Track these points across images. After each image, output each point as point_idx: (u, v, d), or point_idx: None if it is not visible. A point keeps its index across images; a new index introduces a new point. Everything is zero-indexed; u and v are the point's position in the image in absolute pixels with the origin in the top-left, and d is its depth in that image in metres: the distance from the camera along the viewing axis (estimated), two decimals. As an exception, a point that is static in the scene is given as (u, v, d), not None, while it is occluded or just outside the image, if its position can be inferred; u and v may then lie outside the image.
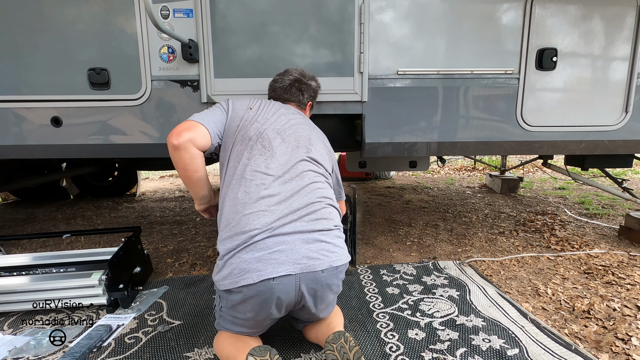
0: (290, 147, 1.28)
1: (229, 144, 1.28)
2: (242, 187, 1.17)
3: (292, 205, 1.15)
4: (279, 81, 1.59)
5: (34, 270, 1.67)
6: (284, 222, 1.12)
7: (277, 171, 1.20)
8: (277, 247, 1.08)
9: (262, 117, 1.32)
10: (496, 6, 1.82)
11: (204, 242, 2.69)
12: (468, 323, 1.53)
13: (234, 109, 1.35)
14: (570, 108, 1.93)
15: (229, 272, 1.09)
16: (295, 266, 1.07)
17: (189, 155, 1.19)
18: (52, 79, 1.80)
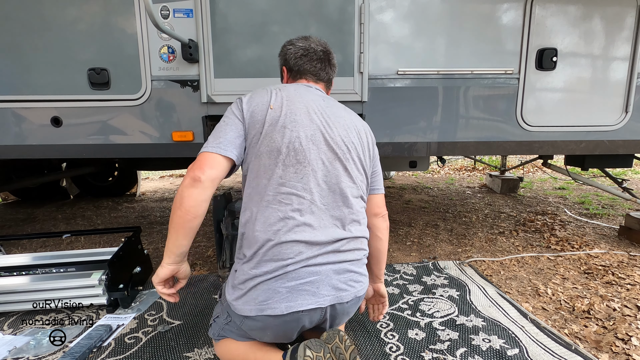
0: (327, 159, 1.10)
1: (252, 153, 1.08)
2: (276, 212, 1.04)
3: (328, 235, 1.07)
4: (307, 50, 1.26)
5: (34, 270, 1.67)
6: (318, 253, 1.05)
7: (314, 194, 1.07)
8: (309, 277, 1.03)
9: (289, 119, 1.08)
10: (496, 6, 1.83)
11: (204, 242, 2.69)
12: (468, 323, 1.53)
13: (252, 114, 1.10)
14: (570, 108, 1.93)
15: (252, 298, 1.02)
16: (324, 298, 1.04)
17: (202, 197, 1.01)
18: (52, 79, 1.80)
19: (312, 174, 1.07)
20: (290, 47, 1.30)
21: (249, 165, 1.09)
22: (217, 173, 1.03)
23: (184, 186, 1.01)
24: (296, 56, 1.28)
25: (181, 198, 1.01)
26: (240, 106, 1.12)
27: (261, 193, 1.06)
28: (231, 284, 1.09)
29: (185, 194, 1.01)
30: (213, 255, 2.40)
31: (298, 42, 1.29)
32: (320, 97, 1.19)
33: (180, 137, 1.86)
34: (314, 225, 1.06)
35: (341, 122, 1.16)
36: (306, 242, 1.03)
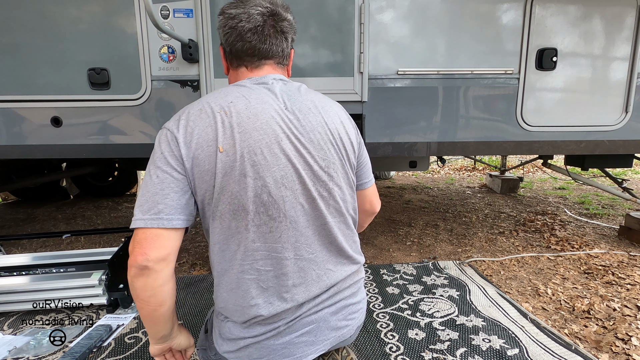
0: (307, 200, 0.86)
1: (211, 214, 0.83)
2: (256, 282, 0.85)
3: (322, 285, 0.90)
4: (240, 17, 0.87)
5: (34, 270, 1.67)
6: (313, 304, 0.90)
7: (298, 248, 0.87)
8: (305, 328, 0.89)
9: (248, 162, 0.79)
10: (496, 6, 1.83)
11: (204, 242, 2.69)
12: (468, 323, 1.53)
13: (195, 160, 0.79)
14: (570, 108, 1.93)
15: (245, 355, 0.88)
16: (324, 343, 0.92)
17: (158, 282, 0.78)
18: (52, 79, 1.80)
19: (291, 226, 0.85)
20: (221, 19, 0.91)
21: (210, 228, 0.85)
22: (165, 252, 0.78)
23: (132, 277, 0.77)
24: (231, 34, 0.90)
25: (134, 290, 0.79)
26: (175, 150, 0.79)
27: (233, 261, 0.84)
28: (219, 333, 0.92)
29: (136, 285, 0.78)
30: (213, 255, 2.40)
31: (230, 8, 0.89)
32: (282, 104, 0.85)
33: (180, 137, 1.86)
34: (305, 282, 0.88)
35: (316, 134, 0.86)
36: (296, 300, 0.86)
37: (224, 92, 0.86)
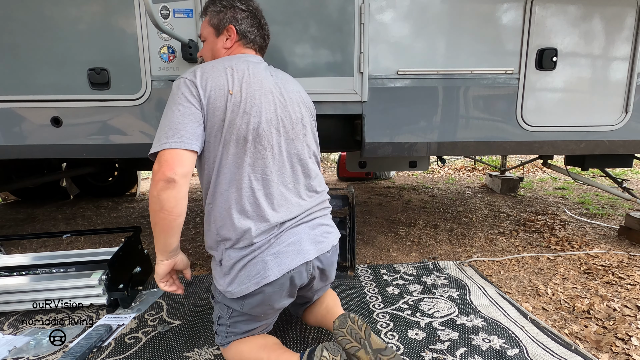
0: (286, 140, 1.15)
1: (217, 142, 1.06)
2: (251, 198, 1.08)
3: (300, 209, 1.15)
4: (256, 14, 1.24)
5: (34, 270, 1.67)
6: (292, 222, 1.13)
7: (282, 175, 1.13)
8: (289, 239, 1.11)
9: (249, 104, 1.07)
10: (496, 6, 1.83)
11: (204, 242, 2.69)
12: (468, 323, 1.53)
13: (209, 99, 1.04)
14: (570, 108, 1.93)
15: (245, 276, 1.07)
16: (308, 252, 1.12)
17: (180, 195, 0.99)
18: (52, 79, 1.80)
19: (277, 157, 1.12)
20: (241, 6, 1.21)
21: (215, 154, 1.07)
22: (187, 169, 1.00)
23: (160, 190, 0.96)
24: (250, 23, 1.22)
25: (160, 202, 0.97)
26: (194, 91, 1.03)
27: (232, 181, 1.07)
28: (219, 276, 1.11)
29: (163, 197, 0.97)
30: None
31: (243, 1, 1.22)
32: (269, 74, 1.19)
33: (180, 137, 1.86)
34: (285, 204, 1.12)
35: (293, 98, 1.20)
36: (282, 222, 1.10)
37: (227, 58, 1.15)
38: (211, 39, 1.25)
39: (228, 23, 1.21)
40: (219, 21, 1.22)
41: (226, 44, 1.22)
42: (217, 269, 1.14)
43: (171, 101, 1.03)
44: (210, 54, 1.26)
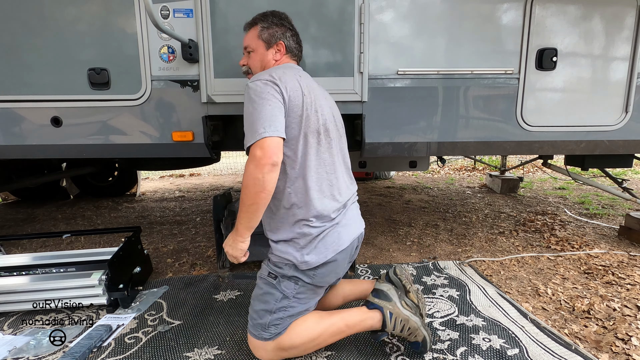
0: (337, 135, 1.36)
1: (296, 134, 1.21)
2: (325, 181, 1.27)
3: (349, 191, 1.37)
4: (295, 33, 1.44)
5: (34, 270, 1.67)
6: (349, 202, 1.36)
7: (340, 164, 1.34)
8: (350, 214, 1.34)
9: (317, 104, 1.27)
10: (496, 6, 1.83)
11: (204, 242, 2.69)
12: (468, 323, 1.53)
13: (290, 98, 1.19)
14: (570, 108, 1.93)
15: (323, 246, 1.23)
16: (360, 225, 1.38)
17: (277, 177, 1.15)
18: (52, 79, 1.80)
19: (336, 148, 1.32)
20: (288, 25, 1.41)
21: (297, 145, 1.21)
22: (282, 155, 1.16)
23: (265, 172, 1.10)
24: (295, 40, 1.42)
25: (263, 183, 1.11)
26: (278, 89, 1.18)
27: (311, 167, 1.23)
28: (293, 250, 1.23)
29: (267, 178, 1.11)
30: (213, 255, 2.40)
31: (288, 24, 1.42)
32: (313, 80, 1.37)
33: (180, 137, 1.86)
34: (345, 187, 1.34)
35: (332, 103, 1.41)
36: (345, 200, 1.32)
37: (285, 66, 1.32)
38: (261, 51, 1.39)
39: (279, 39, 1.38)
40: (269, 36, 1.37)
41: (276, 56, 1.39)
42: (288, 248, 1.24)
43: (258, 98, 1.15)
44: (260, 64, 1.40)
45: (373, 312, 1.29)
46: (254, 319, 1.25)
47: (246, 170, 1.12)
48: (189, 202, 4.16)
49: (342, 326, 1.27)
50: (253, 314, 1.26)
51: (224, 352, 1.37)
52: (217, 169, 7.15)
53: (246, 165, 1.13)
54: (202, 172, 6.87)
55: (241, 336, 1.47)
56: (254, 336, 1.24)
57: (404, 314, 1.28)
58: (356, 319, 1.28)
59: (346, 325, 1.28)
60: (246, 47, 1.42)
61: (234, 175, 6.60)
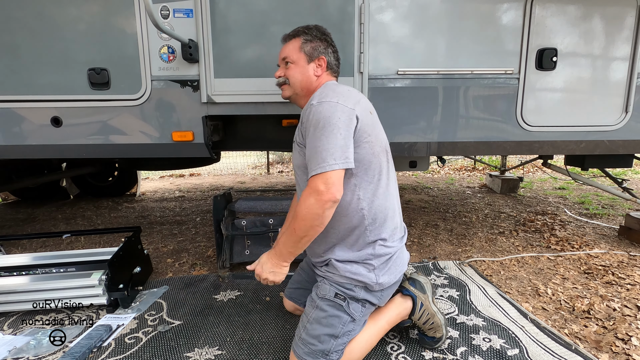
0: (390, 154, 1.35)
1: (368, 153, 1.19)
2: (394, 199, 1.28)
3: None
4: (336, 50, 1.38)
5: (34, 270, 1.67)
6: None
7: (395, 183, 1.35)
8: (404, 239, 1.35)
9: (378, 123, 1.30)
10: (496, 6, 1.83)
11: (204, 242, 2.69)
12: (468, 322, 1.53)
13: (361, 120, 1.16)
14: (570, 108, 1.93)
15: (394, 268, 1.24)
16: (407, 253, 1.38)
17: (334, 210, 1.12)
18: (52, 79, 1.80)
19: (393, 168, 1.34)
20: (330, 41, 1.37)
21: (368, 165, 1.19)
22: (342, 189, 1.11)
23: (327, 209, 1.07)
24: (336, 57, 1.38)
25: (322, 219, 1.09)
26: (351, 114, 1.14)
27: (383, 186, 1.23)
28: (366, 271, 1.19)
29: (327, 214, 1.08)
30: (213, 255, 2.40)
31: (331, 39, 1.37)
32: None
33: (180, 137, 1.86)
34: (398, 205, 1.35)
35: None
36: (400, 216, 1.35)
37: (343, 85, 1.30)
38: (302, 63, 1.33)
39: (321, 54, 1.33)
40: (312, 50, 1.33)
41: (317, 71, 1.34)
42: (359, 269, 1.19)
43: (328, 124, 1.09)
44: (301, 77, 1.33)
45: (406, 300, 1.35)
46: (312, 345, 1.14)
47: (305, 202, 1.07)
48: (189, 202, 4.16)
49: (384, 325, 1.30)
50: (310, 339, 1.15)
51: (224, 352, 1.37)
52: (217, 169, 7.16)
53: (305, 195, 1.08)
54: (202, 172, 6.87)
55: (241, 336, 1.47)
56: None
57: (433, 309, 1.34)
58: (394, 314, 1.32)
59: (387, 323, 1.31)
60: (284, 58, 1.35)
61: (234, 175, 6.60)
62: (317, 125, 1.10)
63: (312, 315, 1.19)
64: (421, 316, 1.32)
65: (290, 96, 1.38)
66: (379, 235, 1.21)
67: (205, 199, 4.31)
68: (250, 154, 8.62)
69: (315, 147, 1.08)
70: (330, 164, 1.06)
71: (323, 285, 1.22)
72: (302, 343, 1.16)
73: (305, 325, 1.19)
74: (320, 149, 1.07)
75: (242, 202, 2.07)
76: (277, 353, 1.36)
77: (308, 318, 1.19)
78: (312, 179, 1.08)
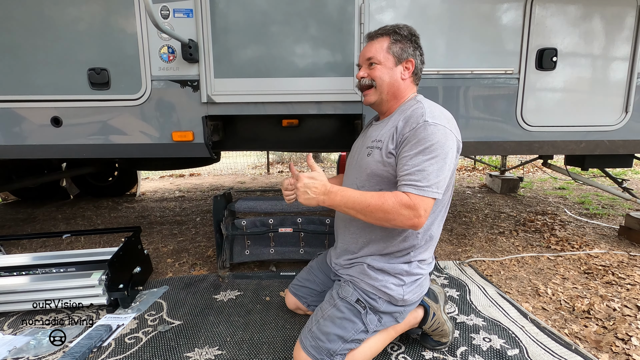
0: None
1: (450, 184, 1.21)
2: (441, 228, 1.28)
3: None
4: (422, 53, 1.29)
5: (34, 270, 1.67)
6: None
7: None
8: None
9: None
10: (496, 6, 1.83)
11: (204, 242, 2.69)
12: (468, 322, 1.53)
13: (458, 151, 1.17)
14: (570, 108, 1.93)
15: (420, 289, 1.25)
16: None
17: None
18: (52, 79, 1.80)
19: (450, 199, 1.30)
20: (420, 44, 1.27)
21: (445, 196, 1.20)
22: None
23: (407, 225, 1.07)
24: (422, 62, 1.30)
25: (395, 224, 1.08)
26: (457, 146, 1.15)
27: (442, 216, 1.25)
28: (396, 285, 1.20)
29: (402, 226, 1.08)
30: (213, 255, 2.40)
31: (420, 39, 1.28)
32: None
33: (181, 137, 1.86)
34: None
35: None
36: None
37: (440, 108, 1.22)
38: (389, 65, 1.23)
39: (410, 56, 1.23)
40: (401, 51, 1.22)
41: (404, 74, 1.24)
42: (390, 280, 1.20)
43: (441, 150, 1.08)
44: (389, 79, 1.23)
45: (418, 309, 1.33)
46: (320, 341, 1.13)
47: (399, 207, 1.04)
48: (189, 202, 4.15)
49: (392, 333, 1.29)
50: (320, 334, 1.14)
51: (224, 352, 1.37)
52: (217, 169, 7.16)
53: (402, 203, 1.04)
54: (202, 172, 6.87)
55: (241, 336, 1.47)
56: (314, 358, 1.12)
57: (443, 318, 1.34)
58: (404, 323, 1.30)
59: (395, 331, 1.30)
60: (370, 58, 1.24)
61: (234, 175, 6.60)
62: (429, 146, 1.07)
63: (328, 312, 1.18)
64: (431, 326, 1.33)
65: (376, 101, 1.27)
66: (420, 257, 1.24)
67: (205, 199, 4.31)
68: (250, 154, 8.62)
69: (424, 168, 1.06)
70: (433, 191, 1.06)
71: (347, 287, 1.22)
72: (311, 336, 1.15)
73: (318, 319, 1.18)
74: (429, 171, 1.06)
75: (242, 202, 2.07)
76: (278, 353, 1.36)
77: (323, 314, 1.19)
78: (416, 197, 1.05)
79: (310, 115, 2.11)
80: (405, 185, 1.06)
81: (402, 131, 1.13)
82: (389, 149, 1.15)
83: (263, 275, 2.03)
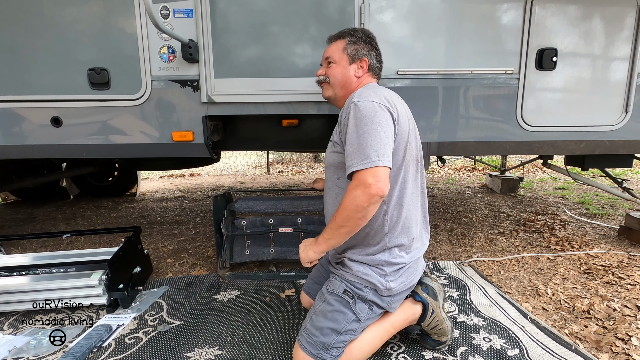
0: (422, 167, 1.33)
1: (400, 161, 1.19)
2: (419, 211, 1.30)
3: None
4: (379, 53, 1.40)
5: (34, 270, 1.67)
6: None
7: (425, 191, 1.34)
8: (420, 253, 1.33)
9: (414, 131, 1.27)
10: (496, 6, 1.82)
11: (204, 242, 2.69)
12: (469, 322, 1.53)
13: (400, 124, 1.17)
14: (570, 108, 1.93)
15: (406, 278, 1.24)
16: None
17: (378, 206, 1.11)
18: (52, 79, 1.80)
19: (424, 176, 1.33)
20: (374, 44, 1.38)
21: (399, 172, 1.20)
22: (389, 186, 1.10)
23: (372, 203, 1.05)
24: (378, 60, 1.39)
25: (366, 212, 1.07)
26: (392, 116, 1.14)
27: (408, 195, 1.23)
28: (379, 275, 1.20)
29: (371, 209, 1.07)
30: (213, 255, 2.40)
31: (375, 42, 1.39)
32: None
33: (180, 137, 1.86)
34: (427, 215, 1.36)
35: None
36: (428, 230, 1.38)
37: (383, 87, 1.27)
38: (343, 64, 1.34)
39: (364, 56, 1.34)
40: (355, 51, 1.34)
41: (358, 72, 1.35)
42: (369, 271, 1.20)
43: (370, 121, 1.10)
44: (341, 77, 1.34)
45: (416, 306, 1.33)
46: (315, 336, 1.15)
47: (351, 194, 1.06)
48: (189, 202, 4.16)
49: (389, 328, 1.29)
50: (314, 330, 1.17)
51: (224, 352, 1.37)
52: (217, 169, 7.16)
53: (351, 188, 1.07)
54: (202, 172, 6.87)
55: (241, 336, 1.47)
56: (311, 355, 1.13)
57: (442, 316, 1.33)
58: (401, 319, 1.31)
59: (393, 327, 1.30)
60: (327, 58, 1.37)
61: (234, 175, 6.60)
62: (359, 123, 1.10)
63: (319, 307, 1.21)
64: (430, 323, 1.32)
65: (330, 96, 1.39)
66: (396, 242, 1.22)
67: (205, 199, 4.31)
68: (250, 154, 8.63)
69: (359, 144, 1.07)
70: (374, 160, 1.05)
71: (334, 280, 1.25)
72: (306, 333, 1.18)
73: (311, 316, 1.21)
74: (363, 145, 1.07)
75: (242, 202, 2.07)
76: (278, 353, 1.36)
77: (315, 310, 1.22)
78: (359, 173, 1.06)
79: (310, 115, 2.11)
80: (349, 168, 1.10)
81: (340, 119, 1.21)
82: (336, 140, 1.24)
83: (263, 275, 2.03)
